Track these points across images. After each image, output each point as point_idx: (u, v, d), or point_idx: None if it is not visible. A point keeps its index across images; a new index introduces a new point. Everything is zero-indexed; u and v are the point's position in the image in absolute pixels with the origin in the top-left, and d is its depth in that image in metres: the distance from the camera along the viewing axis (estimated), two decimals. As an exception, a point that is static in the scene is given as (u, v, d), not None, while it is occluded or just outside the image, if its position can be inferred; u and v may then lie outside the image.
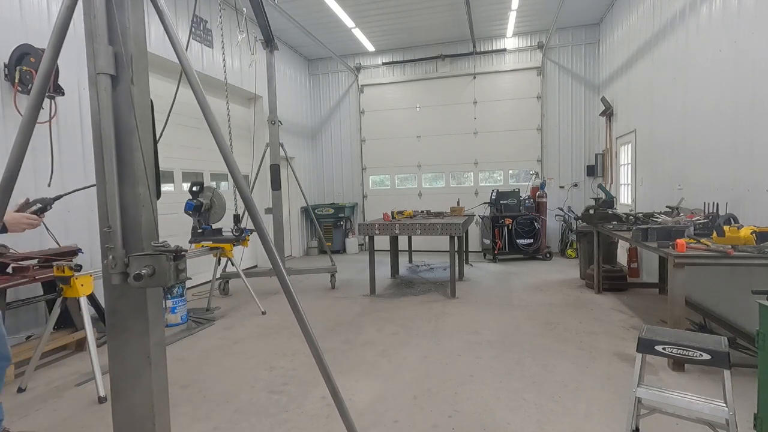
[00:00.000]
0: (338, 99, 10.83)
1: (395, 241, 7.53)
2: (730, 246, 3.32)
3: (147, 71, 1.41)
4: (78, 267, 3.33)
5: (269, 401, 3.08)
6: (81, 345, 4.09)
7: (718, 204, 4.12)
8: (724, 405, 2.04)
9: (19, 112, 4.01)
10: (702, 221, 4.06)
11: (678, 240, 3.48)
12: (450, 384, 3.26)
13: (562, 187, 9.50)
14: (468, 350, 3.93)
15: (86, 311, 3.32)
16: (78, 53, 4.30)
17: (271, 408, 2.98)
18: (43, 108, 1.34)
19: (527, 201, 8.83)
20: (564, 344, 4.00)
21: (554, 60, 9.46)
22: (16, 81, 3.97)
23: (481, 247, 9.42)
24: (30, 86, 4.00)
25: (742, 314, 3.93)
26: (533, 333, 4.33)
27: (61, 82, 4.28)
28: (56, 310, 3.40)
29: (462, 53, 9.81)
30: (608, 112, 8.15)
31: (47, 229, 3.77)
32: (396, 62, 10.29)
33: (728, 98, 4.17)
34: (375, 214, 10.63)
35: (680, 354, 2.14)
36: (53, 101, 4.23)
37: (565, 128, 9.47)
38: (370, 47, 9.91)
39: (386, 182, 10.81)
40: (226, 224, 5.68)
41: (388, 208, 8.36)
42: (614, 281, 5.94)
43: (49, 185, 3.89)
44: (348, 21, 8.35)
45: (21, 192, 2.57)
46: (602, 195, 6.86)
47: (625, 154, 7.63)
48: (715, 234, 3.51)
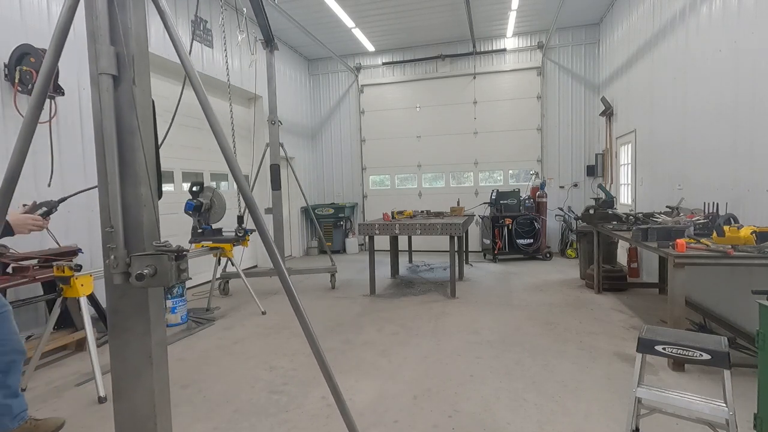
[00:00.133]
0: (338, 99, 10.82)
1: (395, 241, 7.53)
2: (730, 246, 3.32)
3: (149, 71, 1.41)
4: (78, 267, 3.33)
5: (269, 401, 3.08)
6: (81, 345, 4.09)
7: (718, 204, 4.13)
8: (724, 405, 2.05)
9: (19, 112, 4.01)
10: (702, 221, 4.06)
11: (678, 240, 3.49)
12: (450, 384, 3.26)
13: (562, 187, 9.50)
14: (468, 350, 3.93)
15: (86, 311, 3.32)
16: (78, 53, 4.31)
17: (271, 408, 2.98)
18: (43, 108, 1.34)
19: (527, 201, 8.83)
20: (564, 344, 4.01)
21: (554, 60, 9.46)
22: (16, 81, 3.96)
23: (481, 247, 9.42)
24: (30, 86, 4.00)
25: (742, 314, 3.93)
26: (533, 333, 4.33)
27: (61, 82, 4.28)
28: (56, 310, 3.41)
29: (462, 53, 9.81)
30: (608, 112, 8.15)
31: (47, 229, 3.77)
32: (396, 62, 10.29)
33: (728, 98, 4.17)
34: (375, 214, 10.63)
35: (680, 354, 2.14)
36: (53, 101, 4.23)
37: (565, 128, 9.47)
38: (370, 47, 9.91)
39: (386, 182, 10.81)
40: (226, 224, 5.69)
41: (388, 208, 8.36)
42: (614, 281, 5.94)
43: (49, 185, 3.89)
44: (348, 21, 8.35)
45: (21, 192, 2.57)
46: (602, 195, 6.86)
47: (625, 154, 7.63)
48: (715, 234, 3.51)
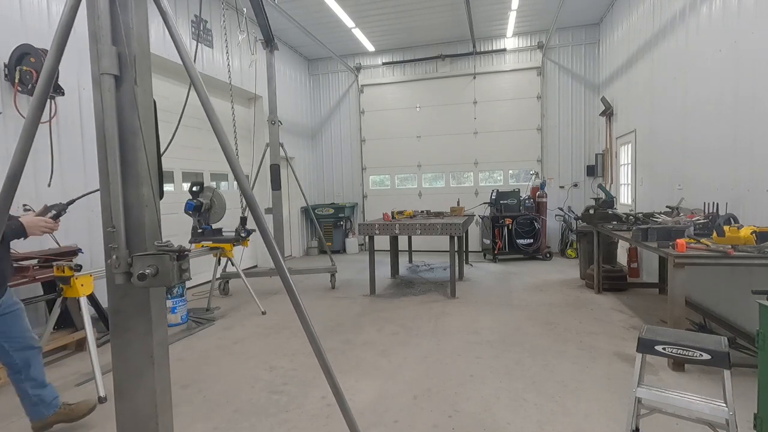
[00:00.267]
0: (338, 99, 10.82)
1: (395, 241, 7.53)
2: (730, 246, 3.32)
3: (150, 72, 1.41)
4: (78, 267, 3.33)
5: (269, 401, 3.08)
6: (81, 345, 4.09)
7: (718, 204, 4.13)
8: (724, 405, 2.05)
9: (20, 112, 4.01)
10: (702, 221, 4.06)
11: (678, 240, 3.49)
12: (450, 384, 3.26)
13: (562, 187, 9.51)
14: (468, 350, 3.93)
15: (86, 311, 3.32)
16: (78, 53, 4.29)
17: (271, 408, 2.98)
18: (45, 108, 1.34)
19: (527, 201, 8.83)
20: (564, 344, 4.01)
21: (554, 60, 9.46)
22: (16, 81, 3.97)
23: (481, 247, 9.42)
24: (30, 86, 4.00)
25: (742, 314, 3.93)
26: (533, 333, 4.34)
27: (61, 82, 4.28)
28: (56, 310, 3.41)
29: (462, 53, 9.81)
30: (608, 112, 8.15)
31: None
32: (396, 62, 10.29)
33: (728, 98, 4.17)
34: (375, 214, 10.63)
35: (680, 354, 2.14)
36: (53, 101, 4.23)
37: (565, 128, 9.47)
38: (370, 47, 9.91)
39: (386, 182, 10.81)
40: (226, 224, 5.69)
41: (388, 208, 8.36)
42: (614, 281, 5.94)
43: (49, 185, 3.89)
44: (348, 21, 8.35)
45: (21, 192, 2.57)
46: (602, 195, 6.87)
47: (625, 154, 7.63)
48: (715, 234, 3.52)
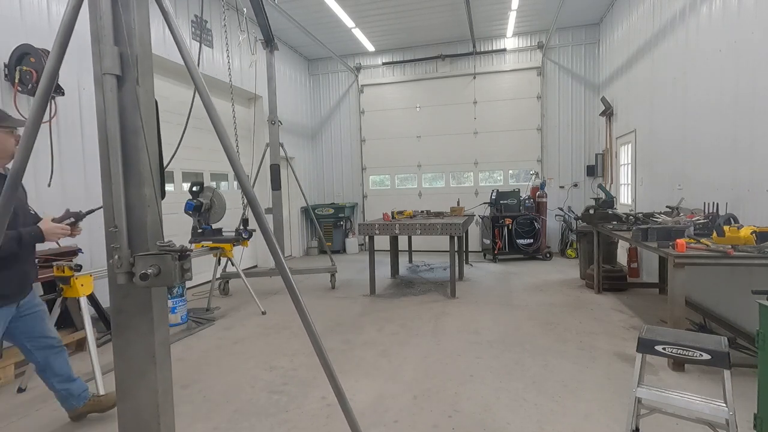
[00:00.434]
0: (338, 99, 10.82)
1: (395, 241, 7.53)
2: (730, 246, 3.33)
3: (152, 72, 1.41)
4: (78, 267, 3.33)
5: (269, 401, 3.08)
6: (81, 345, 4.09)
7: (718, 204, 4.13)
8: (724, 405, 2.05)
9: (20, 112, 4.01)
10: (702, 221, 4.06)
11: (678, 240, 3.49)
12: (450, 384, 3.27)
13: (562, 187, 9.51)
14: (468, 350, 3.93)
15: (86, 311, 3.32)
16: (78, 53, 4.30)
17: (271, 408, 2.99)
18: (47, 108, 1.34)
19: (527, 201, 8.83)
20: (564, 344, 4.01)
21: (554, 60, 9.46)
22: (16, 81, 3.97)
23: (481, 247, 9.43)
24: (30, 86, 4.00)
25: (742, 314, 3.94)
26: (533, 333, 4.34)
27: (61, 82, 4.28)
28: (56, 310, 3.40)
29: (462, 53, 9.81)
30: (608, 112, 8.16)
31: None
32: (396, 62, 10.29)
33: (728, 98, 4.18)
34: (375, 214, 10.63)
35: (680, 354, 2.15)
36: (53, 101, 4.23)
37: (565, 128, 9.47)
38: (370, 47, 9.91)
39: (386, 182, 10.81)
40: (226, 224, 5.68)
41: (388, 208, 8.36)
42: (614, 281, 5.94)
43: (49, 185, 3.89)
44: (348, 21, 8.35)
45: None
46: (602, 195, 6.87)
47: (625, 154, 7.64)
48: (715, 234, 3.52)
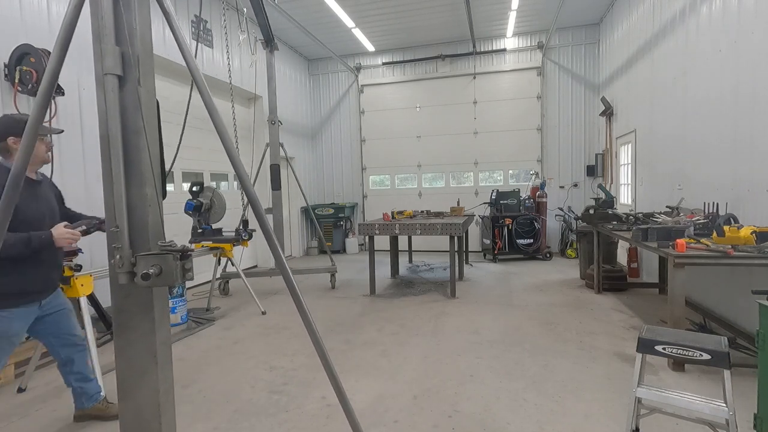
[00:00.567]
0: (338, 99, 10.82)
1: (395, 241, 7.53)
2: (730, 246, 3.33)
3: (153, 72, 1.41)
4: (78, 267, 3.32)
5: (269, 401, 3.08)
6: (81, 345, 4.08)
7: (718, 204, 4.13)
8: (724, 405, 2.05)
9: (20, 112, 4.01)
10: (702, 221, 4.07)
11: (678, 240, 3.49)
12: (450, 384, 3.27)
13: (562, 187, 9.51)
14: (468, 350, 3.93)
15: (86, 311, 3.31)
16: (78, 53, 4.30)
17: (271, 408, 2.99)
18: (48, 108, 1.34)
19: (527, 201, 8.83)
20: (564, 344, 4.01)
21: (554, 60, 9.47)
22: (16, 81, 3.96)
23: (481, 247, 9.43)
24: (30, 86, 4.00)
25: (742, 314, 3.94)
26: (533, 333, 4.34)
27: (61, 82, 4.28)
28: (57, 310, 3.40)
29: (462, 53, 9.81)
30: (608, 112, 8.16)
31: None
32: (396, 62, 10.29)
33: (728, 99, 4.18)
34: (375, 214, 10.63)
35: (680, 354, 2.15)
36: (53, 101, 4.23)
37: (565, 128, 9.48)
38: (370, 47, 9.91)
39: (386, 182, 10.81)
40: (226, 224, 5.68)
41: (388, 208, 8.36)
42: (614, 281, 5.94)
43: (50, 185, 3.88)
44: (348, 21, 8.35)
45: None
46: (602, 195, 6.88)
47: (625, 154, 7.64)
48: (715, 234, 3.52)
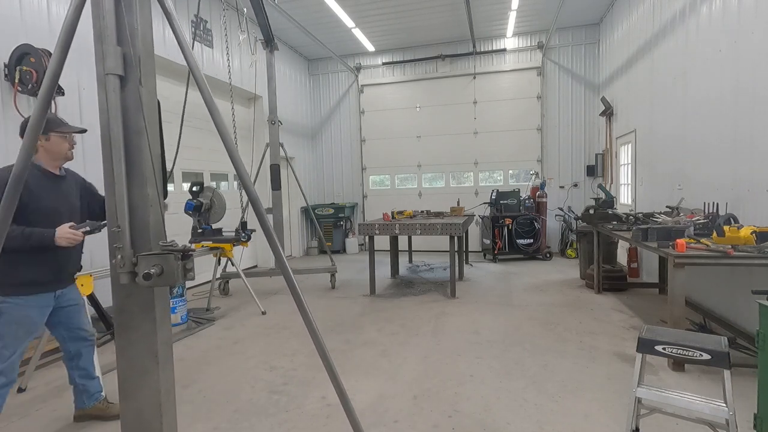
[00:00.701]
0: (338, 99, 10.83)
1: (395, 241, 7.53)
2: (730, 246, 3.33)
3: (154, 72, 1.41)
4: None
5: (269, 401, 3.08)
6: (82, 345, 4.08)
7: (718, 204, 4.13)
8: (724, 405, 2.05)
9: (20, 112, 4.01)
10: (702, 221, 4.07)
11: (678, 240, 3.49)
12: (450, 384, 3.27)
13: (562, 187, 9.51)
14: (468, 350, 3.94)
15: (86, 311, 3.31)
16: (79, 54, 4.29)
17: (271, 408, 2.99)
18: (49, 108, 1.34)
19: (527, 201, 8.83)
20: (564, 344, 4.01)
21: (554, 60, 9.47)
22: (16, 81, 3.96)
23: (481, 247, 9.43)
24: (30, 86, 4.00)
25: (742, 314, 3.94)
26: (533, 333, 4.34)
27: (61, 82, 4.26)
28: (57, 310, 3.39)
29: (462, 53, 9.81)
30: (608, 112, 8.16)
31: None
32: (396, 62, 10.29)
33: (728, 99, 4.18)
34: (375, 214, 10.63)
35: (680, 354, 2.15)
36: (53, 101, 4.23)
37: (565, 128, 9.48)
38: (370, 47, 9.91)
39: (386, 182, 10.81)
40: (226, 224, 5.68)
41: (388, 208, 8.35)
42: (614, 281, 5.95)
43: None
44: (348, 21, 8.35)
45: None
46: (602, 195, 6.88)
47: (625, 154, 7.64)
48: (715, 234, 3.52)
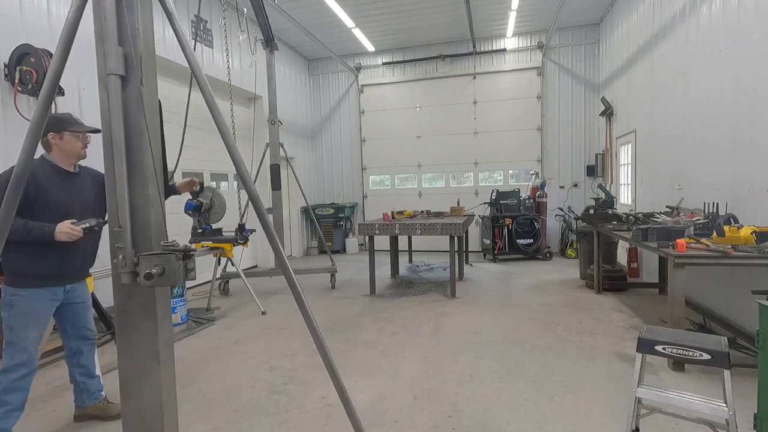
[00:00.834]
0: (338, 99, 10.83)
1: (395, 241, 7.53)
2: (730, 246, 3.33)
3: (155, 72, 1.41)
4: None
5: (269, 401, 3.09)
6: (82, 345, 4.08)
7: (718, 204, 4.14)
8: (724, 405, 2.05)
9: (20, 112, 4.01)
10: (702, 221, 4.07)
11: (678, 240, 3.50)
12: (450, 384, 3.27)
13: (562, 187, 9.52)
14: (468, 350, 3.94)
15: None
16: (78, 54, 4.29)
17: (271, 408, 2.99)
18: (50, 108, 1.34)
19: (527, 201, 8.83)
20: (564, 344, 4.01)
21: (554, 60, 9.47)
22: (16, 81, 3.96)
23: (481, 247, 9.43)
24: (30, 86, 4.00)
25: (742, 314, 3.94)
26: (533, 333, 4.34)
27: (61, 83, 4.26)
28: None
29: (462, 53, 9.81)
30: (608, 112, 8.16)
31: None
32: (396, 62, 10.29)
33: (728, 99, 4.18)
34: (375, 214, 10.63)
35: (680, 354, 2.15)
36: (53, 102, 4.22)
37: (565, 128, 9.48)
38: (370, 47, 9.91)
39: (386, 182, 10.81)
40: (226, 224, 5.68)
41: (388, 208, 8.34)
42: (614, 281, 5.95)
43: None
44: (348, 21, 8.35)
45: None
46: (602, 195, 6.88)
47: (625, 154, 7.65)
48: (715, 234, 3.52)
